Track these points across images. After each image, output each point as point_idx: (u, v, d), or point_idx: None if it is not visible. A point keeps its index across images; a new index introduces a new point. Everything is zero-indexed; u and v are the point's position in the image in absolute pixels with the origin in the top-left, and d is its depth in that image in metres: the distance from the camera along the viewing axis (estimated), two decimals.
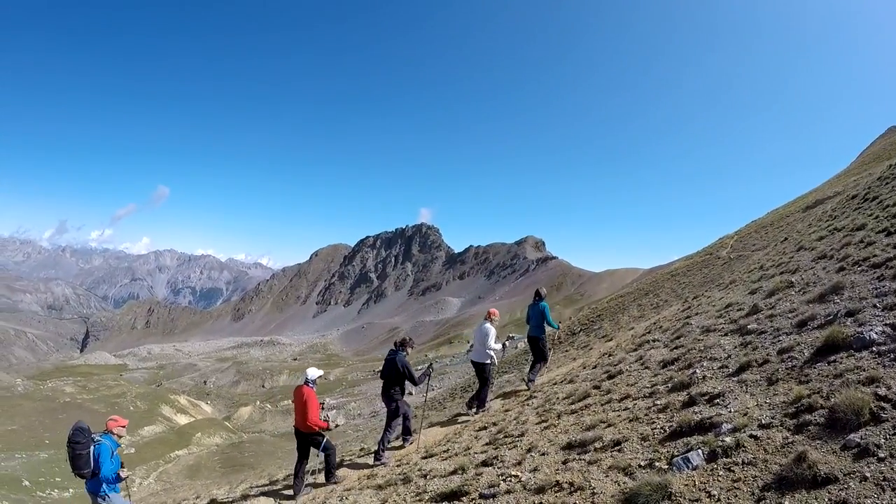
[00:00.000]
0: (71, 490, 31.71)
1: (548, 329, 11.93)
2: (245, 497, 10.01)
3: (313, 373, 9.04)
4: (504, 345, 11.37)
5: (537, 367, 12.07)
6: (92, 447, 7.43)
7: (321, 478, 9.26)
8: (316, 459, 9.28)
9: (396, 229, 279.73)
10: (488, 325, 10.88)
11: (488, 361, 10.86)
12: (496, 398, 12.25)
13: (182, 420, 56.49)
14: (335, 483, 8.92)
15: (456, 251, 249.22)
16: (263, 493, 9.86)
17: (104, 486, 7.58)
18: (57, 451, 38.70)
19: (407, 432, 10.32)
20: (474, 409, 11.44)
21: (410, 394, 11.52)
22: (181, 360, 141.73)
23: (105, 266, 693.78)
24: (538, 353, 12.00)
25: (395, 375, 9.64)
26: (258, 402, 76.77)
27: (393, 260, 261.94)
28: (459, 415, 11.88)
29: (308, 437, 8.86)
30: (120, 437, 7.93)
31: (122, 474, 7.72)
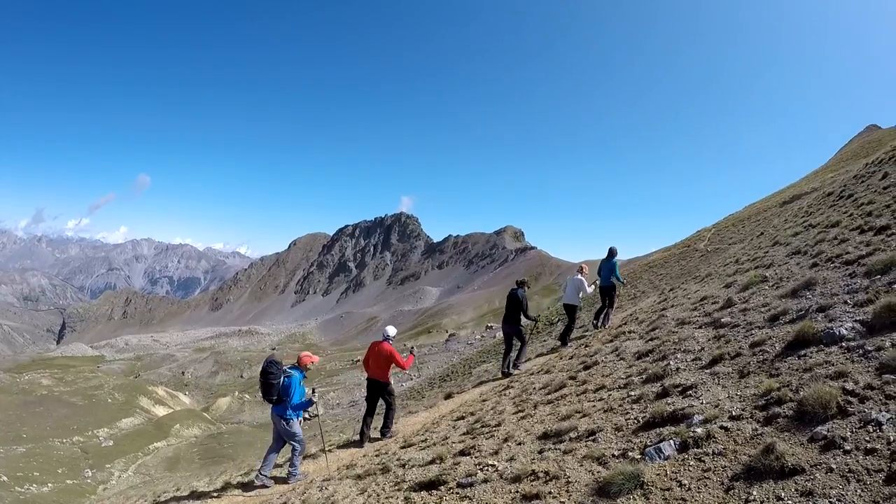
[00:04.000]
0: (49, 485, 31.23)
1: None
2: (225, 488, 10.00)
3: (392, 330, 10.46)
4: (594, 285, 14.51)
5: (606, 311, 14.43)
6: (282, 378, 8.63)
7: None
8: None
9: (375, 218, 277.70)
10: (580, 276, 13.70)
11: (579, 304, 13.97)
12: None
13: (160, 411, 55.98)
14: (390, 437, 10.04)
15: (435, 241, 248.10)
16: (243, 485, 9.83)
17: (289, 411, 8.75)
18: (35, 445, 38.04)
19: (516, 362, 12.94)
20: (562, 344, 13.86)
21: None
22: (159, 351, 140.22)
23: (81, 256, 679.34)
24: (608, 300, 14.40)
25: (515, 307, 12.39)
26: (237, 393, 76.26)
27: (372, 249, 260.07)
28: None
29: (381, 387, 10.13)
30: (308, 369, 9.09)
31: (314, 398, 9.02)
